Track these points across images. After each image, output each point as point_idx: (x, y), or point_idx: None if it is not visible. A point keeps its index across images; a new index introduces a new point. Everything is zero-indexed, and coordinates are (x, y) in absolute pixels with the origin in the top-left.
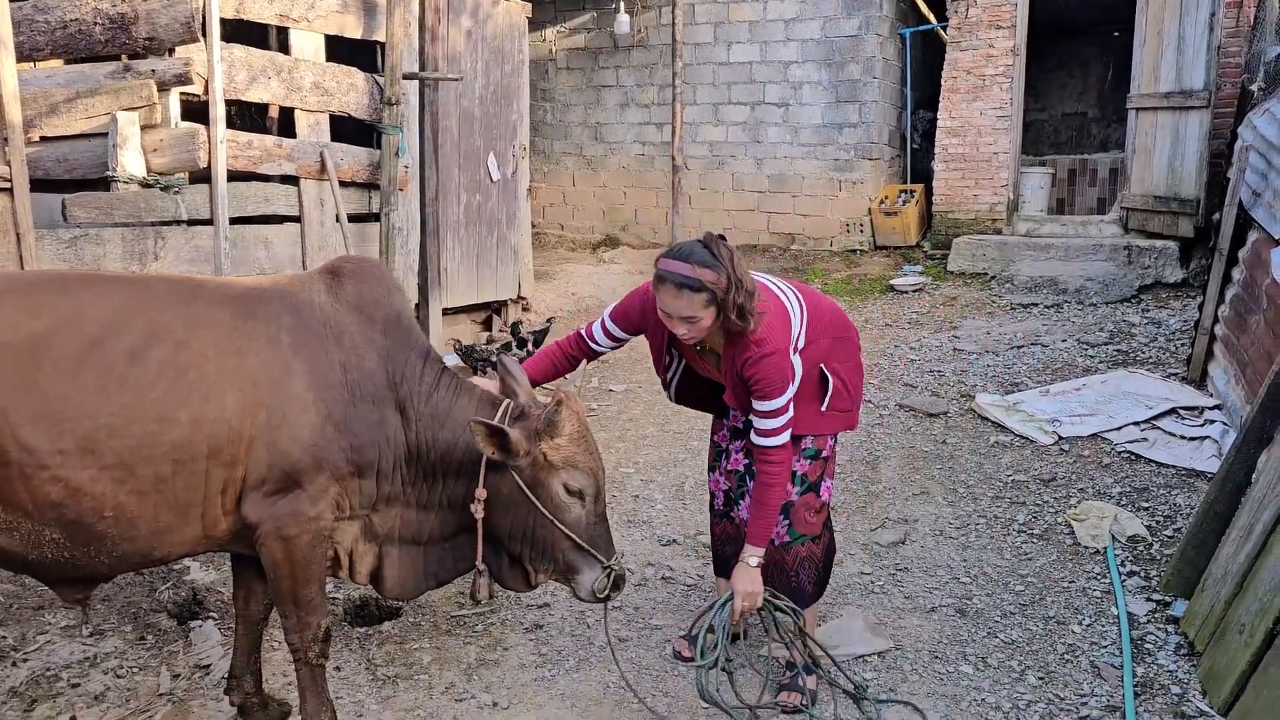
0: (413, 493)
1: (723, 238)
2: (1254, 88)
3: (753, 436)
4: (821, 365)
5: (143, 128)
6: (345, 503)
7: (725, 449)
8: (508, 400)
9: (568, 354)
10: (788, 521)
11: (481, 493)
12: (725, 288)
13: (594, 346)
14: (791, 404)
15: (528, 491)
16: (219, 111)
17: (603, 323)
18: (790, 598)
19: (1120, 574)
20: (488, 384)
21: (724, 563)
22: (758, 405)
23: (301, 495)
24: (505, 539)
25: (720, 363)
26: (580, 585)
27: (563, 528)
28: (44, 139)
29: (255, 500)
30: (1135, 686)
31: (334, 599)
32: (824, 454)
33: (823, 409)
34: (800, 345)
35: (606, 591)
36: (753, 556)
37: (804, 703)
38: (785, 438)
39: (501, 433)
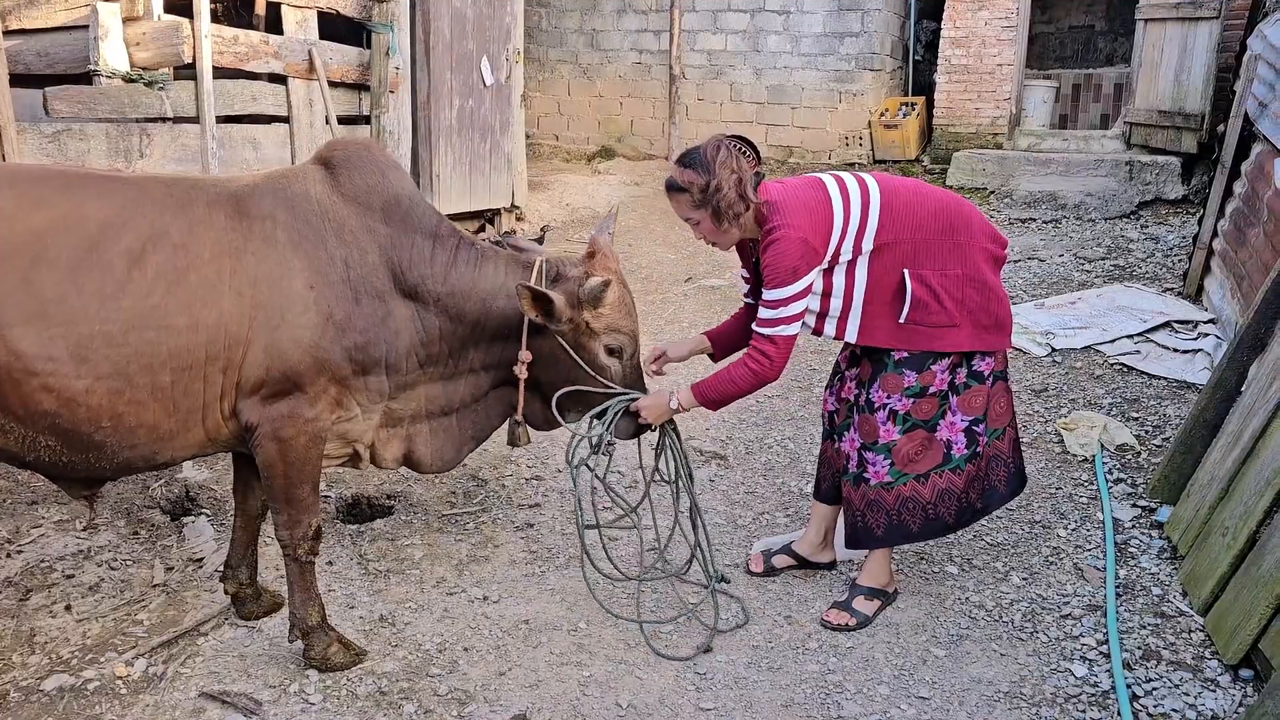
0: (437, 370)
1: (737, 137)
2: None
3: (754, 328)
4: (905, 270)
5: (124, 20)
6: (349, 400)
7: (843, 372)
8: (540, 258)
9: (741, 319)
10: (889, 461)
11: (526, 355)
12: (703, 189)
13: (752, 294)
14: (796, 303)
15: (571, 352)
16: (204, 4)
17: (742, 271)
18: (892, 535)
19: (1107, 481)
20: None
21: (819, 484)
22: (764, 294)
23: (301, 397)
24: (544, 388)
25: None
26: (618, 426)
27: (603, 381)
28: (22, 31)
29: (253, 403)
30: (1117, 587)
31: (326, 497)
32: (933, 390)
33: (900, 321)
34: (858, 244)
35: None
36: (675, 400)
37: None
38: (782, 332)
39: (546, 298)
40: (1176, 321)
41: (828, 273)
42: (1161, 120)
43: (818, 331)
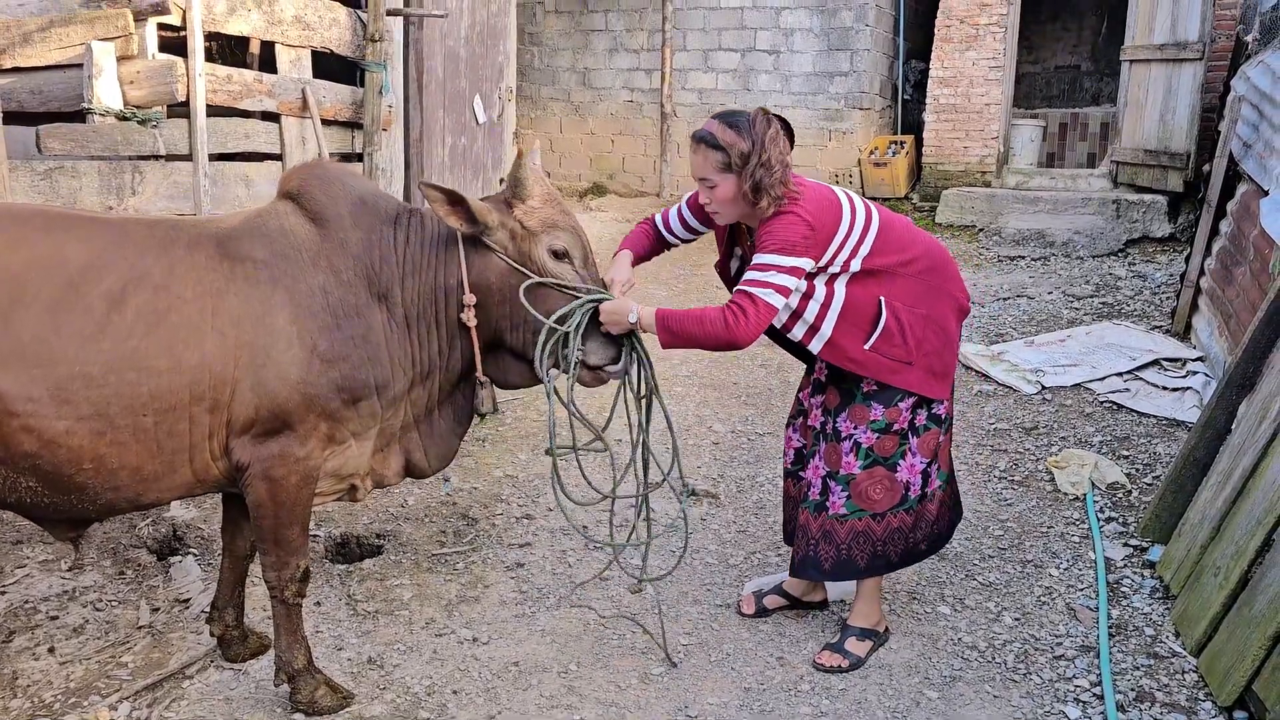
0: (418, 369)
1: (779, 117)
2: (1249, 39)
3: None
4: (882, 298)
5: (119, 59)
6: (342, 432)
7: (806, 407)
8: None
9: (651, 237)
10: (846, 493)
11: (470, 297)
12: (744, 155)
13: (668, 236)
14: (787, 276)
15: (518, 266)
16: (197, 43)
17: (680, 211)
18: (838, 569)
19: (1099, 520)
20: None
21: (789, 524)
22: (757, 259)
23: (291, 436)
24: (507, 334)
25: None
26: (596, 353)
27: (564, 288)
28: (16, 69)
29: (244, 442)
30: (1110, 628)
31: (315, 536)
32: (896, 427)
33: (866, 347)
34: (849, 260)
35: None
36: (635, 314)
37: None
38: (765, 296)
39: (459, 198)
40: (1165, 359)
41: (813, 277)
42: (1148, 159)
43: (787, 329)
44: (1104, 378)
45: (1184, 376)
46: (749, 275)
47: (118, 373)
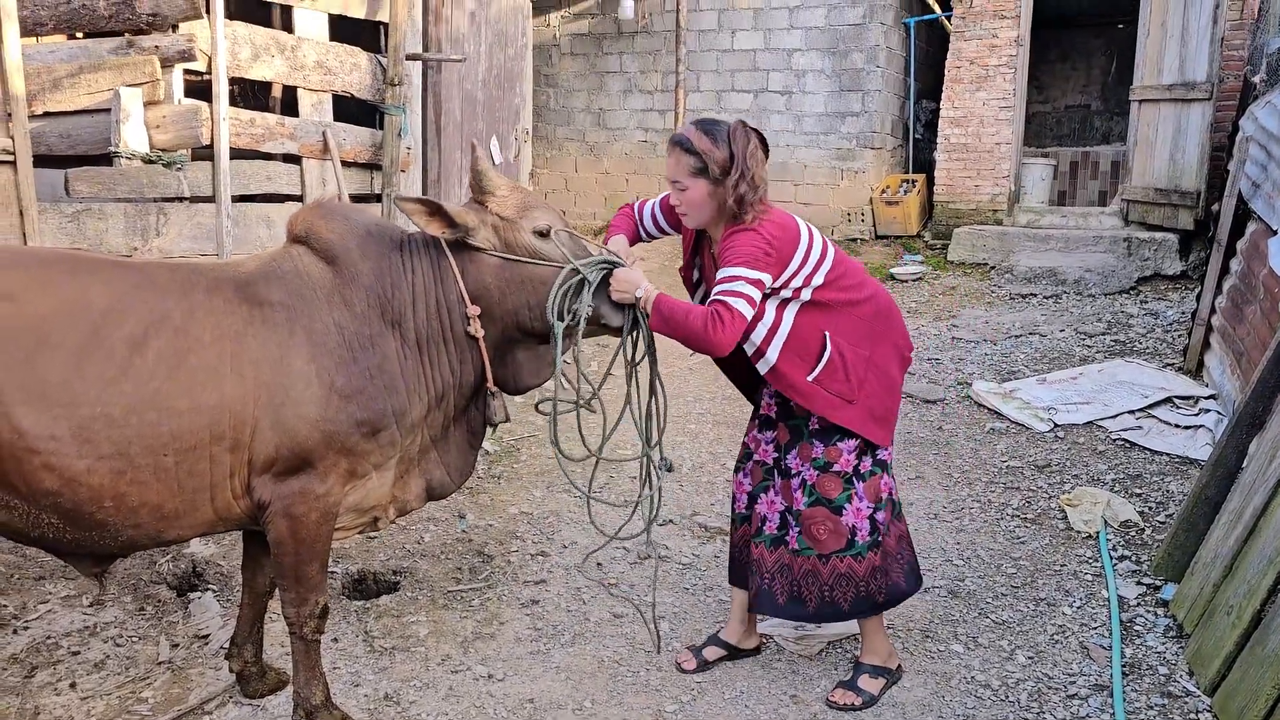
0: (434, 392)
1: (756, 130)
2: (1256, 80)
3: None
4: (826, 332)
5: (146, 104)
6: (362, 466)
7: (752, 448)
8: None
9: (632, 221)
10: (798, 529)
11: (473, 309)
12: (721, 164)
13: (641, 227)
14: (753, 288)
15: (510, 257)
16: (222, 88)
17: (654, 208)
18: (790, 607)
19: (1111, 558)
20: None
21: (740, 569)
22: (723, 272)
23: (312, 474)
24: (515, 327)
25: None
26: (607, 315)
27: (562, 265)
28: (47, 114)
29: (265, 480)
30: (1123, 667)
31: (332, 573)
32: (836, 468)
33: (809, 378)
34: (802, 286)
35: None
36: (642, 290)
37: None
38: (738, 306)
39: (436, 205)
40: (1178, 397)
41: (764, 299)
42: (1158, 198)
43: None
44: (1116, 415)
45: (1196, 414)
46: (721, 286)
47: (139, 413)
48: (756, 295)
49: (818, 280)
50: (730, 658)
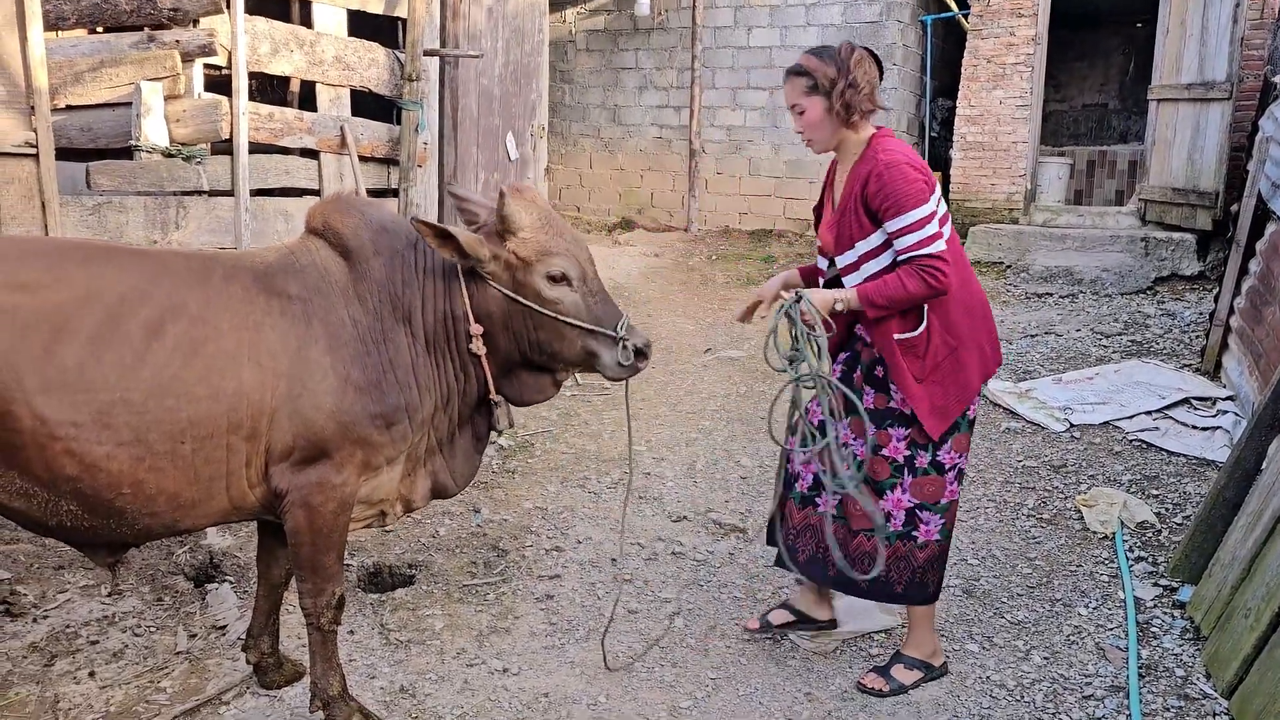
0: (441, 391)
1: (866, 48)
2: (1277, 79)
3: (901, 259)
4: (926, 307)
5: (166, 98)
6: (376, 459)
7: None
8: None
9: (811, 269)
10: (837, 498)
11: (476, 328)
12: (830, 78)
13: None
14: (929, 227)
15: (515, 297)
16: (241, 83)
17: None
18: (873, 589)
19: (1128, 559)
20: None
21: (793, 554)
22: (890, 226)
23: (328, 464)
24: (518, 354)
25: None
26: (604, 367)
27: (563, 319)
28: (69, 107)
29: (282, 470)
30: (1140, 668)
31: (348, 566)
32: (886, 452)
33: (897, 337)
34: (939, 229)
35: (632, 360)
36: (841, 302)
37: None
38: (939, 247)
39: (446, 233)
40: (1195, 398)
41: (888, 242)
42: (1176, 198)
43: (846, 273)
44: (1133, 416)
45: (1214, 415)
46: (903, 243)
47: (157, 399)
48: (935, 226)
49: (946, 232)
50: (799, 624)
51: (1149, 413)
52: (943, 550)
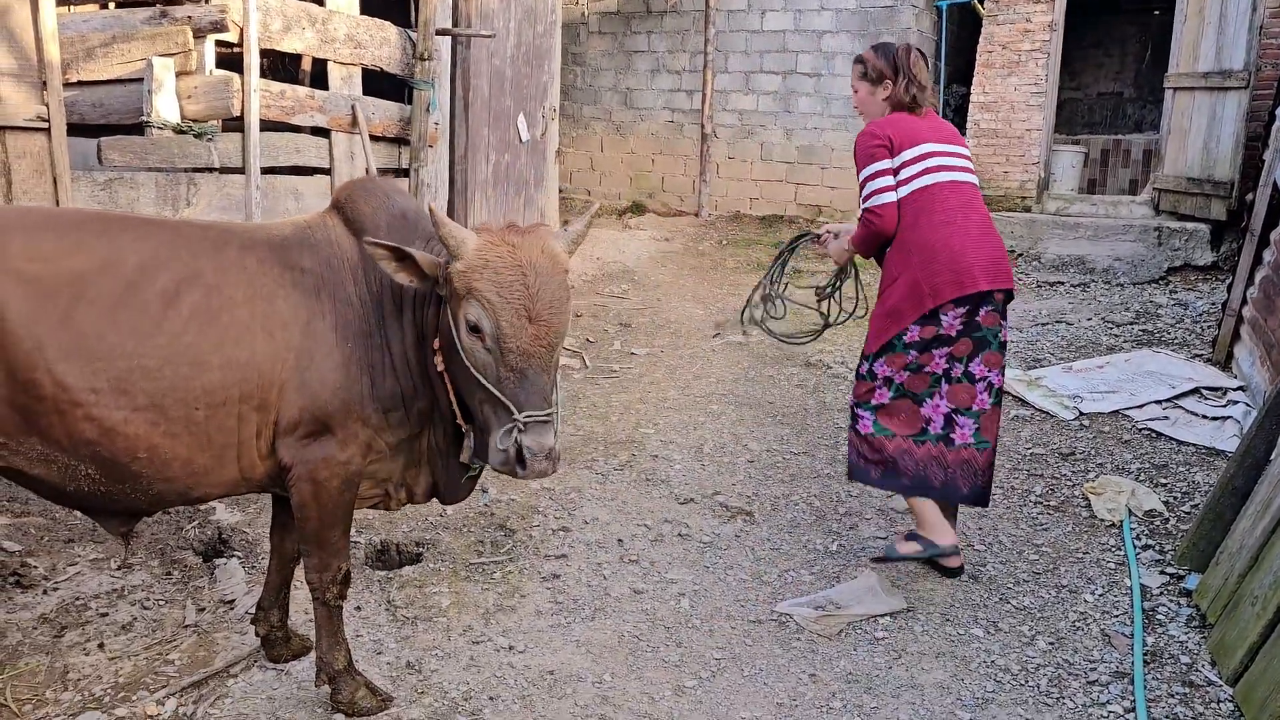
0: (431, 389)
1: (920, 51)
2: None
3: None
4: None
5: (177, 74)
6: (379, 442)
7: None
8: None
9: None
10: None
11: (436, 343)
12: (878, 69)
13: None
14: (876, 181)
15: (450, 324)
16: (253, 60)
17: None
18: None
19: (1135, 547)
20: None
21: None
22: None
23: (332, 440)
24: (462, 396)
25: None
26: (479, 445)
27: (469, 366)
28: (80, 83)
29: (289, 443)
30: (1145, 655)
31: (355, 543)
32: (927, 369)
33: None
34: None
35: (509, 452)
36: (848, 240)
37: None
38: (876, 200)
39: (404, 254)
40: (1205, 388)
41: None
42: (1190, 187)
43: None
44: (1143, 405)
45: (1224, 405)
46: (862, 197)
47: (173, 365)
48: (874, 185)
49: (923, 182)
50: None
51: (1159, 402)
52: (864, 440)
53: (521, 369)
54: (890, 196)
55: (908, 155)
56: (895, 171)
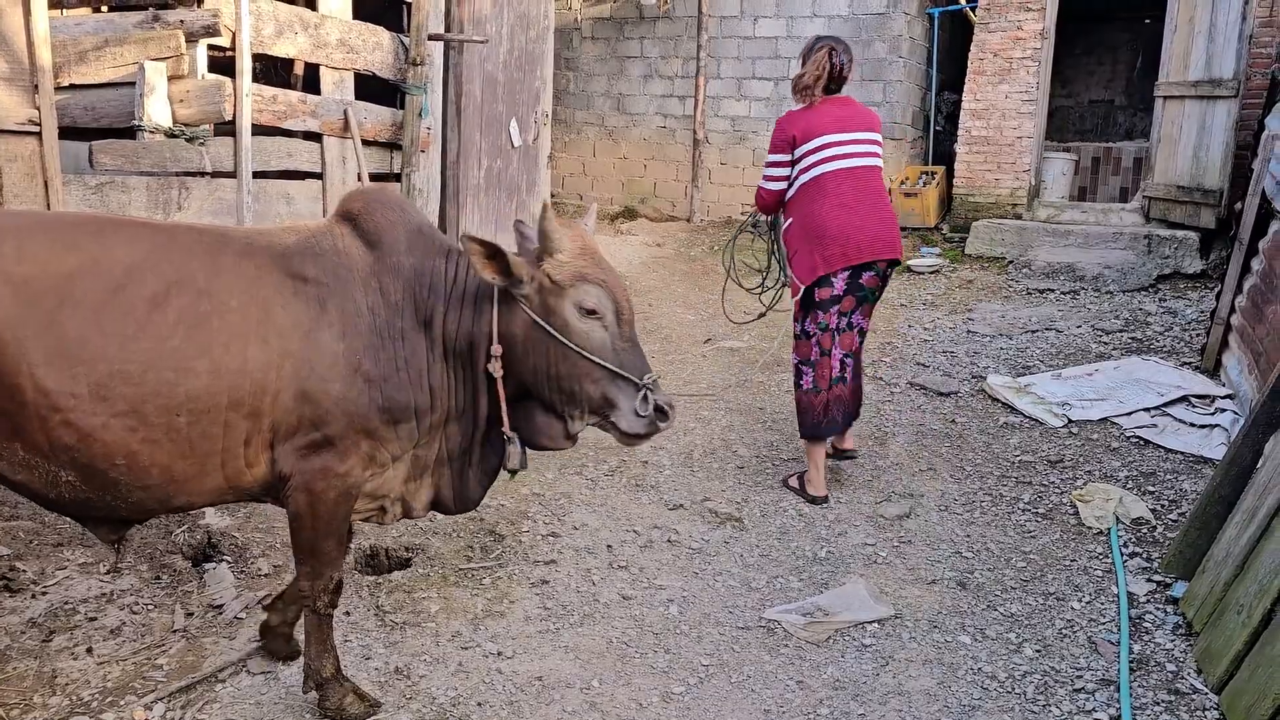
0: (454, 402)
1: (834, 47)
2: None
3: None
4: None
5: (169, 78)
6: (382, 454)
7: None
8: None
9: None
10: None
11: (496, 349)
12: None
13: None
14: (769, 170)
15: (542, 323)
16: (245, 64)
17: None
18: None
19: (1122, 554)
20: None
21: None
22: None
23: (332, 451)
24: (533, 389)
25: None
26: (621, 416)
27: (584, 352)
28: (72, 86)
29: (287, 453)
30: (1131, 662)
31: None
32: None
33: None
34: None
35: (650, 415)
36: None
37: None
38: (763, 184)
39: (498, 252)
40: (1194, 396)
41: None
42: (1180, 195)
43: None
44: (1131, 413)
45: (1212, 414)
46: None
47: (156, 371)
48: (775, 170)
49: (823, 168)
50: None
51: (1147, 409)
52: (806, 398)
53: (632, 338)
54: (774, 185)
55: (807, 148)
56: (795, 163)
